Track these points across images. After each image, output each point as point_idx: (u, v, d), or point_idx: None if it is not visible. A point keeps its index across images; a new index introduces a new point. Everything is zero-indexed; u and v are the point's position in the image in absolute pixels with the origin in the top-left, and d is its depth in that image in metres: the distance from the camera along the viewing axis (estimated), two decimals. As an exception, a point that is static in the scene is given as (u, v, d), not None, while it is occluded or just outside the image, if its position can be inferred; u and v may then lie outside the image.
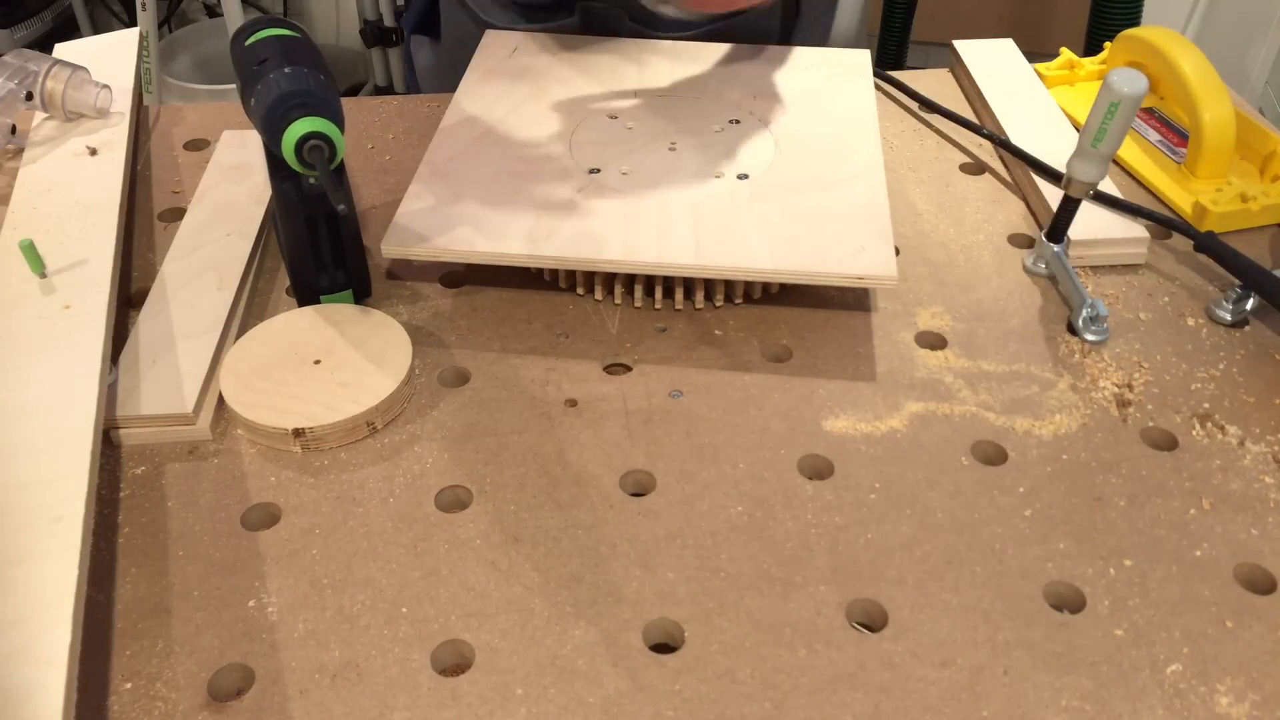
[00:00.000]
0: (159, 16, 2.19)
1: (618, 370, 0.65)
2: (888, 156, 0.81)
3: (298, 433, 0.58)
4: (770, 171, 0.72)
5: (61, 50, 0.86)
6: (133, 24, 2.31)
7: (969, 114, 0.88)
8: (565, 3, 0.87)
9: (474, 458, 0.59)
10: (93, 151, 0.77)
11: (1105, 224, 0.73)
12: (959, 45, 0.93)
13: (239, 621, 0.51)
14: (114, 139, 0.78)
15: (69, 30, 2.40)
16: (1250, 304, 0.68)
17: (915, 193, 0.79)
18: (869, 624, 0.52)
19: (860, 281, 0.64)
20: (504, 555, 0.54)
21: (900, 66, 1.86)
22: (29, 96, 0.77)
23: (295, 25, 0.64)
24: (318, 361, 0.62)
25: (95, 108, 0.79)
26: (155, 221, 0.77)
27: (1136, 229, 0.73)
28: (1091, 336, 0.67)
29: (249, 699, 0.48)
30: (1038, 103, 0.86)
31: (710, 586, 0.53)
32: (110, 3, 2.47)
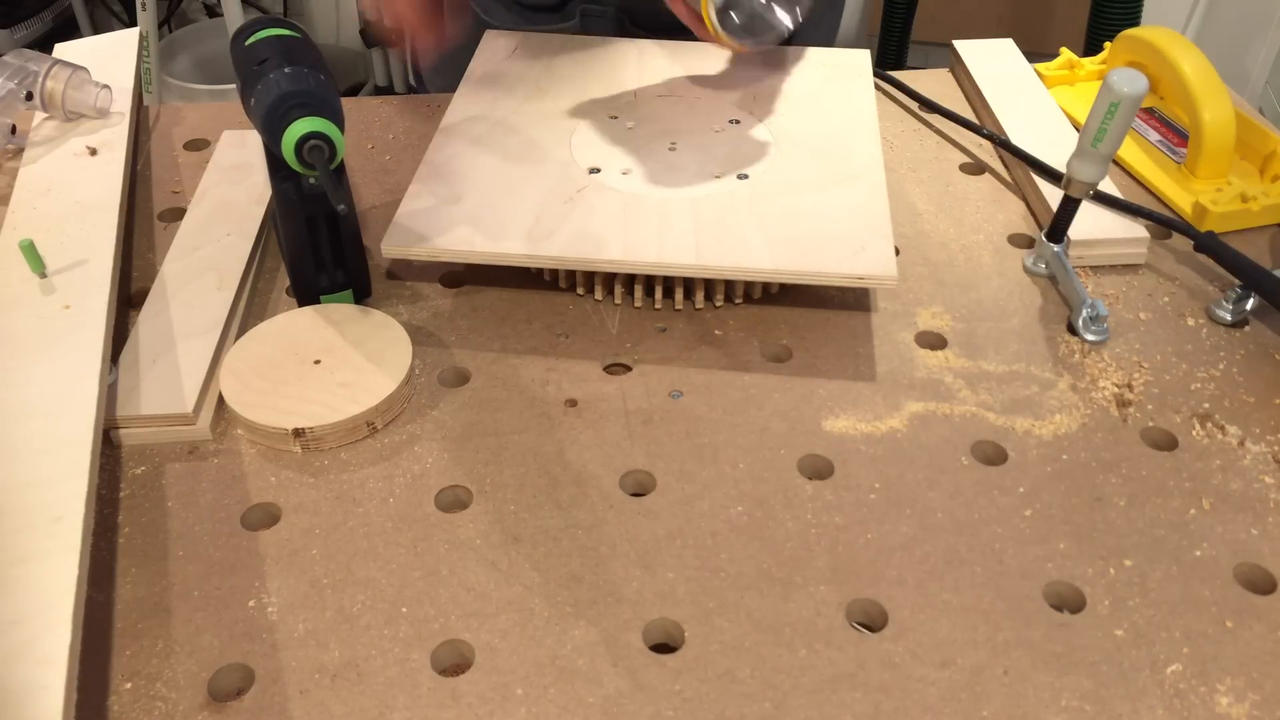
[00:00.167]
0: (159, 16, 2.19)
1: (618, 370, 0.65)
2: (888, 156, 0.81)
3: (298, 433, 0.58)
4: (770, 171, 0.72)
5: (61, 50, 0.86)
6: (133, 24, 2.31)
7: (969, 114, 0.88)
8: (567, 5, 0.87)
9: (474, 458, 0.59)
10: (93, 151, 0.77)
11: (1105, 224, 0.73)
12: (959, 45, 0.93)
13: (239, 621, 0.51)
14: (114, 139, 0.78)
15: (69, 30, 2.40)
16: (1250, 304, 0.68)
17: (915, 193, 0.79)
18: (869, 624, 0.52)
19: (860, 281, 0.64)
20: (504, 555, 0.54)
21: (900, 66, 1.85)
22: (29, 96, 0.77)
23: (295, 25, 0.64)
24: (318, 361, 0.62)
25: (95, 108, 0.79)
26: (155, 221, 0.77)
27: (1136, 229, 0.73)
28: (1091, 336, 0.67)
29: (249, 699, 0.48)
30: (1038, 103, 0.86)
31: (710, 586, 0.53)
32: (110, 3, 2.47)
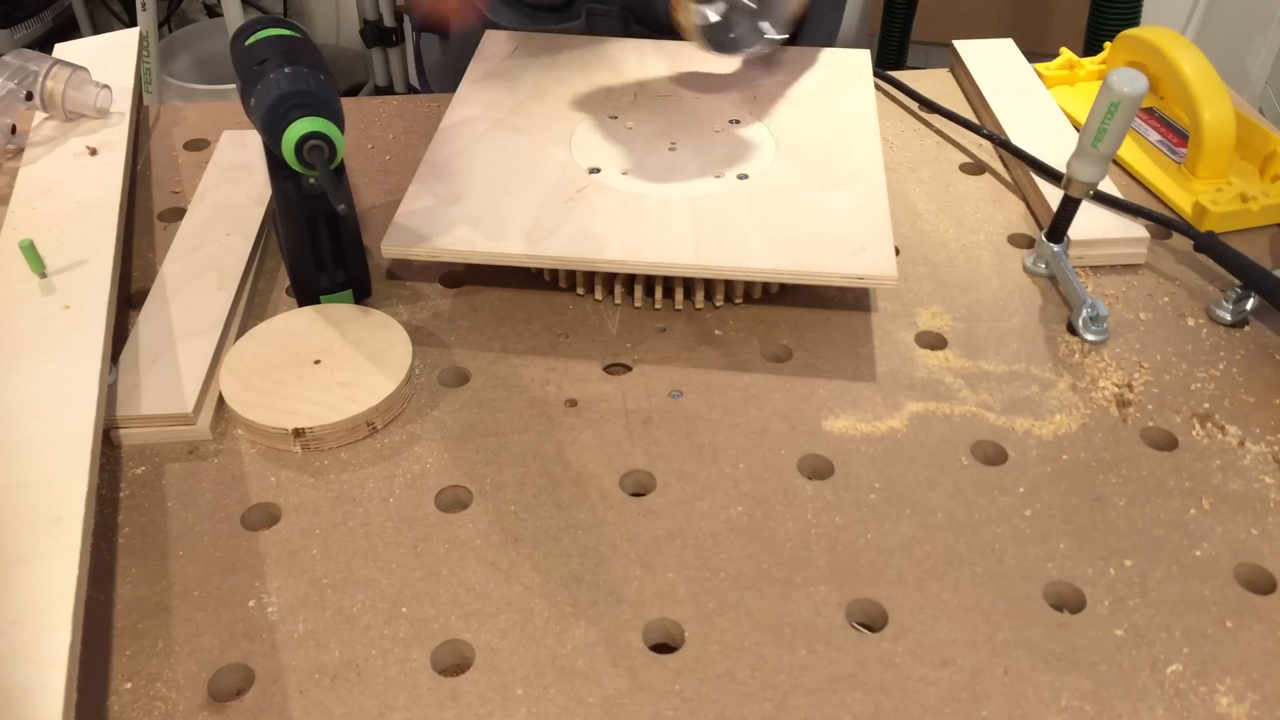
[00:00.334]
0: (159, 16, 2.19)
1: (618, 370, 0.65)
2: (888, 156, 0.81)
3: (298, 433, 0.58)
4: (770, 171, 0.72)
5: (61, 50, 0.86)
6: (133, 24, 2.31)
7: (969, 114, 0.88)
8: (573, 4, 0.87)
9: (474, 458, 0.59)
10: (93, 151, 0.77)
11: (1105, 224, 0.73)
12: (959, 45, 0.93)
13: (239, 621, 0.51)
14: (114, 139, 0.78)
15: (69, 30, 2.39)
16: (1250, 304, 0.68)
17: (915, 193, 0.79)
18: (869, 624, 0.52)
19: (860, 281, 0.64)
20: (504, 555, 0.54)
21: (900, 66, 1.85)
22: (29, 96, 0.77)
23: (295, 25, 0.64)
24: (318, 361, 0.62)
25: (95, 108, 0.79)
26: (155, 221, 0.77)
27: (1136, 229, 0.73)
28: (1091, 336, 0.67)
29: (249, 699, 0.48)
30: (1038, 103, 0.86)
31: (710, 586, 0.53)
32: (110, 3, 2.47)
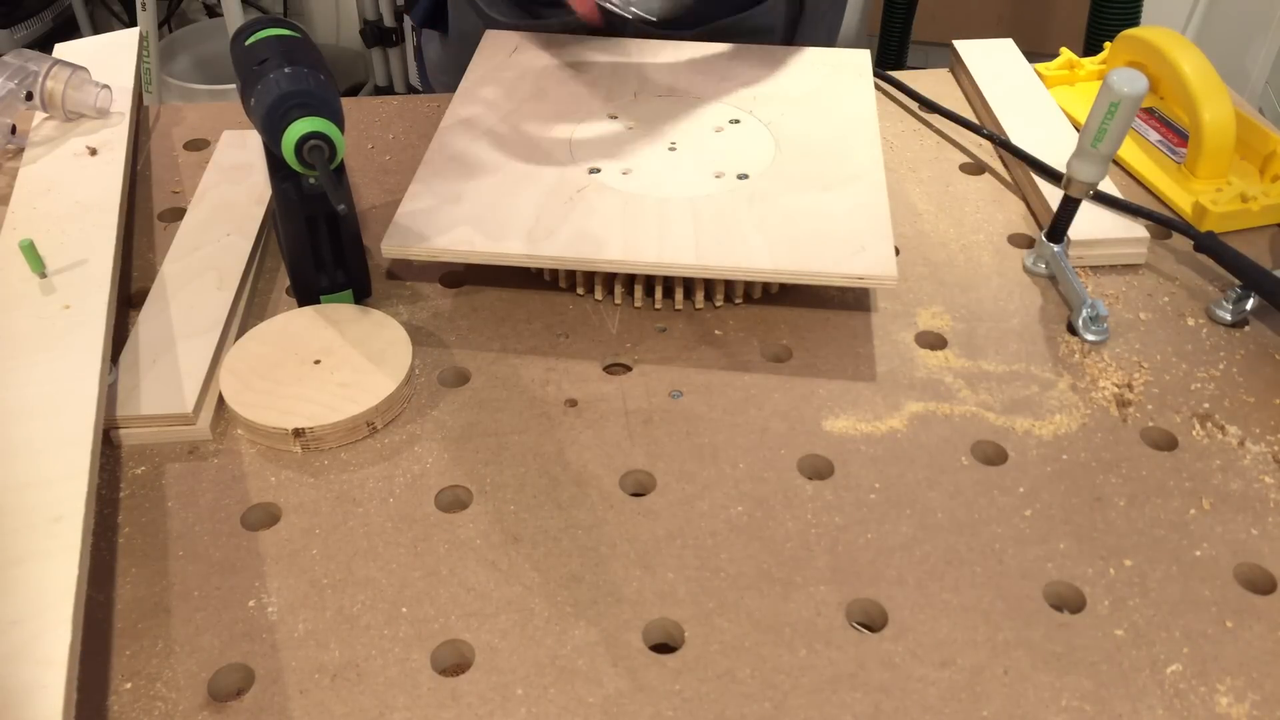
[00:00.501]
0: (159, 16, 2.19)
1: (618, 370, 0.65)
2: (888, 156, 0.81)
3: (298, 433, 0.58)
4: (770, 171, 0.72)
5: (61, 50, 0.86)
6: (133, 24, 2.31)
7: (969, 114, 0.88)
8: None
9: (474, 458, 0.59)
10: (93, 151, 0.77)
11: (1105, 224, 0.73)
12: (959, 45, 0.93)
13: (239, 621, 0.51)
14: (114, 139, 0.78)
15: (69, 30, 2.40)
16: (1250, 304, 0.68)
17: (915, 193, 0.79)
18: (869, 624, 0.52)
19: (860, 281, 0.64)
20: (504, 555, 0.54)
21: (900, 66, 1.85)
22: (29, 96, 0.77)
23: (295, 25, 0.64)
24: (318, 361, 0.62)
25: (95, 108, 0.79)
26: (155, 221, 0.77)
27: (1136, 229, 0.73)
28: (1091, 336, 0.67)
29: (249, 699, 0.48)
30: (1038, 103, 0.86)
31: (710, 586, 0.53)
32: (110, 3, 2.47)
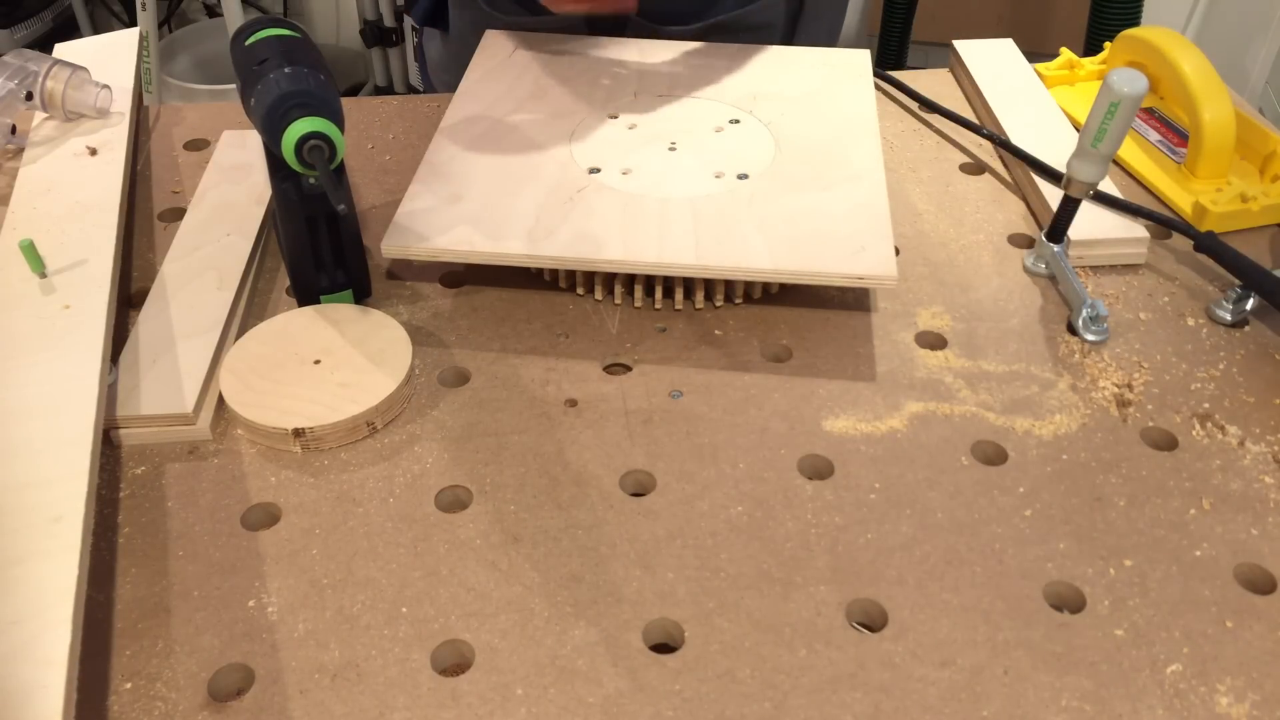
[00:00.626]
0: (159, 16, 2.19)
1: (618, 370, 0.65)
2: (888, 156, 0.81)
3: (298, 433, 0.58)
4: (770, 171, 0.72)
5: (61, 50, 0.86)
6: (133, 24, 2.31)
7: (969, 114, 0.88)
8: None
9: (474, 458, 0.59)
10: (93, 151, 0.77)
11: (1105, 224, 0.73)
12: (959, 45, 0.93)
13: (239, 621, 0.51)
14: (114, 139, 0.78)
15: (69, 30, 2.40)
16: (1250, 304, 0.68)
17: (915, 193, 0.79)
18: (869, 624, 0.52)
19: (860, 281, 0.64)
20: (504, 555, 0.54)
21: (900, 66, 1.85)
22: (29, 96, 0.77)
23: (295, 25, 0.64)
24: (318, 361, 0.62)
25: (95, 108, 0.79)
26: (155, 221, 0.77)
27: (1136, 229, 0.73)
28: (1091, 336, 0.67)
29: (249, 699, 0.48)
30: (1038, 103, 0.86)
31: (710, 586, 0.53)
32: (110, 3, 2.47)
